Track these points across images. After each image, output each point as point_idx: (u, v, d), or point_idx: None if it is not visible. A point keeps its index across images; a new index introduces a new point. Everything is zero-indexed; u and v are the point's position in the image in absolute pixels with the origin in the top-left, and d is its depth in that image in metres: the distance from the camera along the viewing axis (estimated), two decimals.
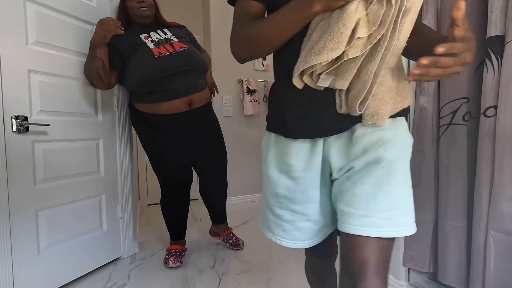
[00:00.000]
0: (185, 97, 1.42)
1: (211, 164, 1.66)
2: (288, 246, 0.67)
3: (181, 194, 1.63)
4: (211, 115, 1.64)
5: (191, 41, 1.58)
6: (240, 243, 1.77)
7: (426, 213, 1.15)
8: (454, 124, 1.06)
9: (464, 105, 1.03)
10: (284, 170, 0.63)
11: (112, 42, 1.36)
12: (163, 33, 1.49)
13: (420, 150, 1.15)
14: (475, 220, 0.96)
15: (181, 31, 1.57)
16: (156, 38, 1.45)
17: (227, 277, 1.45)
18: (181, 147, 1.53)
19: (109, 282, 1.41)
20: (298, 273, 1.47)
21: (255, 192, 2.92)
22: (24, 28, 1.18)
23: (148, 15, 1.47)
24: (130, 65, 1.39)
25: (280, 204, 0.66)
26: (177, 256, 1.56)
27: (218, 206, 1.79)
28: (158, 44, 1.42)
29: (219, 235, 1.83)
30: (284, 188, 0.64)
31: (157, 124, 1.46)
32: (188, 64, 1.42)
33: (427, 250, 1.15)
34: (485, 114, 0.93)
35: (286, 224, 0.66)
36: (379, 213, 0.53)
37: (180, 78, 1.40)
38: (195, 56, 1.47)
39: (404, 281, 1.23)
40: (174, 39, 1.46)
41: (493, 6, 0.91)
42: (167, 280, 1.43)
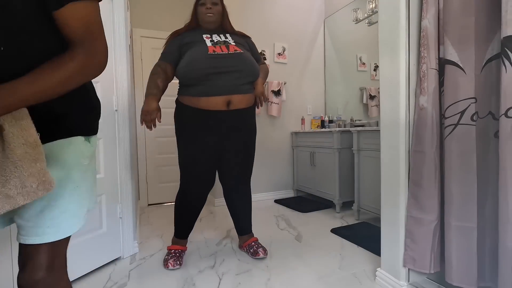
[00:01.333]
0: (224, 96, 1.46)
1: (236, 170, 1.64)
2: None
3: (199, 194, 1.59)
4: (249, 121, 1.62)
5: (249, 50, 1.65)
6: (260, 251, 1.63)
7: (426, 213, 1.15)
8: (462, 124, 1.05)
9: (472, 105, 1.03)
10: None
11: (177, 38, 1.56)
12: (224, 37, 1.59)
13: (420, 150, 1.15)
14: (502, 223, 0.93)
15: (243, 39, 1.66)
16: (216, 39, 1.55)
17: (227, 277, 1.45)
18: (210, 145, 1.52)
19: (109, 282, 1.41)
20: (298, 273, 1.47)
21: (254, 192, 2.92)
22: None
23: (212, 20, 1.57)
24: (185, 57, 1.49)
25: None
26: (176, 258, 1.56)
27: (240, 217, 1.74)
28: (215, 43, 1.52)
29: (243, 246, 1.74)
30: None
31: (194, 117, 1.49)
32: (236, 65, 1.48)
33: (427, 250, 1.15)
34: (506, 115, 0.91)
35: None
36: (45, 222, 0.62)
37: (224, 77, 1.46)
38: (246, 60, 1.52)
39: (404, 281, 1.23)
40: (232, 43, 1.55)
41: (508, 5, 0.90)
42: (167, 280, 1.43)
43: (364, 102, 2.94)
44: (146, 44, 2.99)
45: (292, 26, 3.25)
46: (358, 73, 3.04)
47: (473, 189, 1.04)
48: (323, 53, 3.45)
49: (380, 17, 1.28)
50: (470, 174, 1.04)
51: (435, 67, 1.12)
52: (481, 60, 1.02)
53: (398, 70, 1.20)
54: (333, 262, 1.59)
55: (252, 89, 1.59)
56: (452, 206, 1.08)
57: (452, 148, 1.08)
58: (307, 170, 3.00)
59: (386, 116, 1.28)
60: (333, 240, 1.91)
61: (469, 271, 1.06)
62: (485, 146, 1.03)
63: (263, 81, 1.68)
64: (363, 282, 1.37)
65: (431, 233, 1.14)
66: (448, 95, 1.09)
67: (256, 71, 1.57)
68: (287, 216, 2.47)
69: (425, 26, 1.12)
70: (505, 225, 0.92)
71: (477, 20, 1.01)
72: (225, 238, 1.98)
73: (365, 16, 2.88)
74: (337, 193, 2.57)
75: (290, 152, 3.26)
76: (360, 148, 2.32)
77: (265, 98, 1.67)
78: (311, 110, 3.38)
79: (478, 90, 1.03)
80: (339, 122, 3.12)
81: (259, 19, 3.06)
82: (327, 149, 2.68)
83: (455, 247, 1.08)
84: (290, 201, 2.98)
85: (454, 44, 1.06)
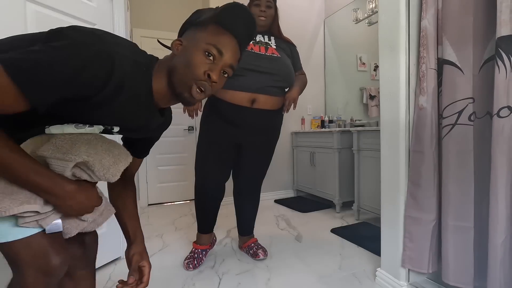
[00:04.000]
0: (249, 93, 1.44)
1: (248, 169, 1.65)
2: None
3: (217, 181, 1.58)
4: (271, 124, 1.61)
5: (290, 56, 1.63)
6: (260, 253, 1.62)
7: (425, 213, 1.15)
8: (460, 124, 1.05)
9: (470, 105, 1.03)
10: None
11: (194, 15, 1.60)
12: (268, 38, 1.58)
13: (419, 150, 1.15)
14: (492, 222, 0.94)
15: (286, 45, 1.64)
16: (258, 39, 1.55)
17: (227, 277, 1.45)
18: (230, 136, 1.52)
19: (109, 282, 1.41)
20: (298, 273, 1.47)
21: None
22: (24, 28, 1.18)
23: (263, 24, 1.57)
24: None
25: None
26: (193, 260, 1.55)
27: (245, 216, 1.74)
28: (256, 43, 1.51)
29: (243, 247, 1.74)
30: None
31: (218, 108, 1.49)
32: (270, 68, 1.47)
33: (426, 250, 1.15)
34: (498, 115, 0.92)
35: None
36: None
37: (255, 76, 1.44)
38: (281, 64, 1.51)
39: (404, 281, 1.23)
40: (272, 46, 1.55)
41: (502, 6, 0.90)
42: (167, 280, 1.43)
43: (364, 102, 2.94)
44: (146, 44, 2.99)
45: (292, 26, 3.24)
46: (358, 73, 3.04)
47: (470, 189, 1.04)
48: (323, 53, 3.45)
49: (380, 17, 1.28)
50: (468, 174, 1.04)
51: (434, 67, 1.12)
52: (479, 60, 1.02)
53: (398, 70, 1.20)
54: (333, 262, 1.59)
55: (282, 94, 1.55)
56: (449, 206, 1.09)
57: (450, 148, 1.08)
58: (307, 170, 3.00)
59: (386, 116, 1.28)
60: (333, 240, 1.91)
61: (465, 270, 1.06)
62: (483, 146, 1.04)
63: (299, 89, 1.65)
64: (363, 282, 1.37)
65: (430, 233, 1.14)
66: (446, 95, 1.09)
67: (290, 78, 1.56)
68: (287, 216, 2.47)
69: (425, 26, 1.12)
70: (494, 223, 0.93)
71: (475, 20, 1.01)
72: (225, 238, 1.98)
73: (365, 16, 2.88)
74: (337, 193, 2.57)
75: (290, 152, 3.26)
76: (360, 148, 2.32)
77: (294, 105, 1.61)
78: (311, 110, 3.38)
79: (476, 90, 1.03)
80: (339, 122, 3.12)
81: None
82: (327, 149, 2.68)
83: (452, 247, 1.08)
84: (290, 201, 2.98)
85: (452, 44, 1.06)
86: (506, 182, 0.92)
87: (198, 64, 0.65)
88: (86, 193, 0.61)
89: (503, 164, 0.91)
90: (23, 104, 0.49)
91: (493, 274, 0.94)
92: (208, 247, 1.67)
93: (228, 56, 0.68)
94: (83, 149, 0.60)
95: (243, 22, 0.71)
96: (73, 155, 0.58)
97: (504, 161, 0.91)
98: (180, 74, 0.65)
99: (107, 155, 0.64)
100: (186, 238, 1.98)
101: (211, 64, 0.66)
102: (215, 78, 0.66)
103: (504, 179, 0.92)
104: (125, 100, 0.59)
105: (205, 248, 1.65)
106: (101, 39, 0.56)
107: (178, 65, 0.66)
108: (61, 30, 0.57)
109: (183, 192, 3.10)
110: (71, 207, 0.59)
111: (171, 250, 1.79)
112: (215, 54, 0.67)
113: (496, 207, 0.93)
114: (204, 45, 0.66)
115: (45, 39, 0.56)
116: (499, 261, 0.93)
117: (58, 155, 0.57)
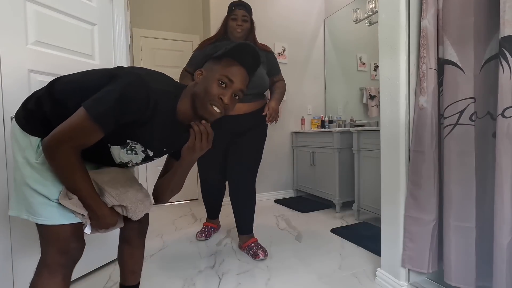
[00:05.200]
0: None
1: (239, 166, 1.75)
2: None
3: (215, 180, 1.88)
4: (252, 124, 1.73)
5: (267, 65, 1.78)
6: (260, 253, 1.64)
7: (425, 213, 1.15)
8: (461, 124, 1.05)
9: (471, 105, 1.03)
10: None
11: (205, 48, 1.75)
12: None
13: (420, 150, 1.15)
14: (497, 223, 0.94)
15: (262, 53, 1.76)
16: None
17: (227, 277, 1.45)
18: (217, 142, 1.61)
19: (109, 282, 1.41)
20: (298, 273, 1.47)
21: None
22: (24, 28, 1.18)
23: (240, 36, 1.75)
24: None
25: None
26: (204, 232, 1.97)
27: (242, 214, 1.79)
28: None
29: (242, 247, 1.76)
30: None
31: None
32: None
33: (426, 250, 1.15)
34: (503, 115, 0.91)
35: None
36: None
37: None
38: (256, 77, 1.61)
39: (404, 281, 1.23)
40: None
41: (506, 5, 0.90)
42: (167, 280, 1.43)
43: (364, 102, 2.94)
44: (146, 44, 2.99)
45: (292, 26, 3.25)
46: (358, 73, 3.04)
47: (471, 189, 1.04)
48: (323, 53, 3.45)
49: (380, 17, 1.28)
50: (469, 174, 1.04)
51: (434, 67, 1.12)
52: (480, 60, 1.02)
53: (398, 70, 1.20)
54: (333, 262, 1.59)
55: (258, 98, 1.71)
56: (451, 206, 1.08)
57: (451, 148, 1.08)
58: (307, 170, 3.00)
59: (386, 116, 1.28)
60: (333, 240, 1.91)
61: (467, 271, 1.06)
62: (484, 146, 1.03)
63: (278, 98, 1.79)
64: (363, 282, 1.37)
65: (430, 232, 1.14)
66: (447, 95, 1.09)
67: (263, 84, 1.72)
68: (287, 216, 2.47)
69: (425, 26, 1.12)
70: (500, 223, 0.93)
71: (476, 20, 1.01)
72: (225, 238, 1.98)
73: (365, 16, 2.88)
74: (337, 193, 2.57)
75: (290, 152, 3.26)
76: (360, 148, 2.32)
77: (276, 118, 1.75)
78: (311, 110, 3.38)
79: (477, 90, 1.03)
80: (339, 122, 3.13)
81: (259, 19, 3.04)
82: (327, 149, 2.68)
83: (453, 247, 1.08)
84: (290, 201, 2.98)
85: (453, 44, 1.06)
86: (511, 182, 0.91)
87: (213, 90, 0.84)
88: (112, 217, 0.87)
89: (508, 164, 0.91)
90: (101, 135, 0.77)
91: (499, 275, 0.93)
92: (216, 226, 2.05)
93: (237, 83, 0.87)
94: (130, 196, 0.90)
95: (250, 54, 0.91)
96: (122, 200, 0.87)
97: (509, 161, 0.91)
98: (200, 98, 0.85)
99: (141, 205, 0.92)
100: (186, 238, 1.98)
101: (224, 90, 0.85)
102: (226, 101, 0.85)
103: (510, 179, 0.91)
104: (158, 117, 0.83)
105: (213, 226, 2.03)
106: (141, 78, 0.79)
107: (199, 91, 0.85)
108: (118, 74, 0.82)
109: (183, 192, 3.08)
110: (99, 222, 0.85)
111: (171, 250, 1.79)
112: (226, 82, 0.85)
113: (502, 207, 0.92)
114: (218, 75, 0.85)
115: (107, 80, 0.80)
116: (506, 262, 0.92)
117: (113, 193, 0.86)
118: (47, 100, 0.82)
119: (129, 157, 0.92)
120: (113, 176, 0.91)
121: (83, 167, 0.79)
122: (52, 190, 0.79)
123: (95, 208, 0.82)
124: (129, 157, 0.92)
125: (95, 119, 0.73)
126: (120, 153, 0.90)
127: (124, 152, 0.90)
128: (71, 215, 0.80)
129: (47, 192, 0.79)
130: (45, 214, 0.79)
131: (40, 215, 0.79)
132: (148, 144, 0.90)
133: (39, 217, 0.79)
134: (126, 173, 0.98)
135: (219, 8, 2.86)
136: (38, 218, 0.79)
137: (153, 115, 0.81)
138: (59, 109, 0.79)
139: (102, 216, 0.84)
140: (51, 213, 0.79)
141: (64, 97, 0.81)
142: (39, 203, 0.79)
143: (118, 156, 0.90)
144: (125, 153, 0.90)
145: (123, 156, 0.91)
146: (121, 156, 0.90)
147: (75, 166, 0.77)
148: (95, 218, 0.84)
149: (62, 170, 0.77)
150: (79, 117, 0.74)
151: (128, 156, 0.91)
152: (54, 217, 0.79)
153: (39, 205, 0.79)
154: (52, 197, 0.79)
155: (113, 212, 0.88)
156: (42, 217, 0.79)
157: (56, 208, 0.79)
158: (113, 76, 0.82)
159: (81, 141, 0.76)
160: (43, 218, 0.79)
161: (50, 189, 0.79)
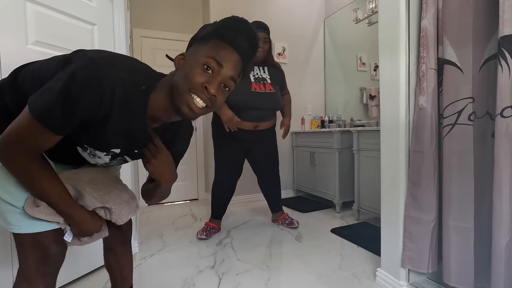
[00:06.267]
0: (254, 123, 1.96)
1: (263, 163, 2.15)
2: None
3: (229, 182, 2.07)
4: (269, 135, 2.11)
5: (279, 83, 2.09)
6: (295, 222, 2.14)
7: (425, 213, 1.15)
8: (460, 124, 1.05)
9: (470, 105, 1.03)
10: None
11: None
12: (263, 71, 2.04)
13: (419, 150, 1.15)
14: (495, 223, 0.94)
15: (277, 74, 2.09)
16: (257, 74, 2.00)
17: (227, 277, 1.45)
18: (238, 148, 2.04)
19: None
20: (298, 273, 1.47)
21: (254, 192, 2.92)
22: (24, 28, 1.18)
23: (260, 56, 1.99)
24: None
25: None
26: (205, 231, 1.99)
27: (270, 197, 2.23)
28: (257, 80, 1.98)
29: (278, 220, 2.22)
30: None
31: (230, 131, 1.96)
32: (267, 104, 1.98)
33: (426, 250, 1.15)
34: (502, 115, 0.91)
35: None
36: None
37: (257, 111, 1.95)
38: (275, 100, 2.01)
39: (404, 281, 1.23)
40: (268, 81, 2.01)
41: (505, 5, 0.90)
42: (167, 280, 1.43)
43: (364, 102, 2.94)
44: (146, 44, 2.99)
45: (292, 26, 3.25)
46: (358, 73, 3.04)
47: (470, 190, 1.04)
48: (323, 53, 3.45)
49: (380, 17, 1.28)
50: (468, 174, 1.04)
51: (434, 67, 1.12)
52: (479, 60, 1.02)
53: (398, 70, 1.20)
54: (333, 262, 1.59)
55: (274, 115, 2.09)
56: (450, 207, 1.08)
57: (450, 148, 1.08)
58: (307, 170, 3.00)
59: (386, 116, 1.28)
60: (333, 240, 1.91)
61: (466, 271, 1.06)
62: (483, 146, 1.03)
63: (290, 115, 2.24)
64: (363, 282, 1.37)
65: (430, 233, 1.14)
66: (446, 95, 1.09)
67: (280, 106, 2.09)
68: None
69: (425, 26, 1.12)
70: (498, 224, 0.93)
71: (475, 20, 1.01)
72: (225, 238, 1.98)
73: (365, 16, 2.88)
74: (337, 193, 2.57)
75: (290, 152, 3.26)
76: (360, 148, 2.32)
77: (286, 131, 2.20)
78: (311, 110, 3.38)
79: (476, 90, 1.03)
80: (339, 122, 3.12)
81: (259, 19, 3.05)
82: (327, 149, 2.68)
83: (453, 247, 1.08)
84: (290, 201, 2.98)
85: (452, 44, 1.06)
86: (510, 182, 0.91)
87: (196, 77, 0.64)
88: (94, 222, 0.77)
89: (506, 164, 0.91)
90: (54, 137, 0.64)
91: (497, 275, 0.93)
92: (217, 228, 2.07)
93: (227, 68, 0.66)
94: (113, 197, 0.79)
95: (244, 35, 0.68)
96: (105, 201, 0.77)
97: (508, 161, 0.91)
98: (178, 87, 0.65)
99: (127, 206, 0.81)
100: (186, 238, 1.98)
101: (210, 77, 0.65)
102: (213, 91, 0.64)
103: (508, 179, 0.91)
104: (119, 113, 0.65)
105: (215, 226, 2.05)
106: (95, 63, 0.62)
107: (177, 79, 0.66)
108: (71, 59, 0.66)
109: (183, 192, 3.10)
110: (80, 229, 0.74)
111: (171, 250, 1.79)
112: (214, 66, 0.65)
113: (500, 207, 0.92)
114: (203, 58, 0.65)
115: (61, 68, 0.66)
116: (504, 262, 0.92)
117: (94, 194, 0.76)
118: (9, 90, 0.70)
119: (94, 160, 0.78)
120: (93, 176, 0.79)
121: (48, 170, 0.67)
122: (17, 197, 0.69)
123: (71, 213, 0.71)
124: (94, 160, 0.78)
125: (38, 118, 0.60)
126: (84, 155, 0.76)
127: (87, 155, 0.76)
128: (44, 222, 0.70)
129: (11, 199, 0.68)
130: (14, 222, 0.69)
131: (10, 223, 0.69)
132: (106, 147, 0.74)
133: (9, 226, 0.70)
134: (108, 172, 0.86)
135: (219, 8, 2.87)
136: (9, 227, 0.70)
137: (111, 109, 0.63)
138: (22, 102, 0.64)
139: (81, 222, 0.73)
140: (20, 221, 0.69)
141: (25, 88, 0.68)
142: (7, 211, 0.69)
143: (87, 157, 0.77)
144: (88, 156, 0.76)
145: (89, 159, 0.78)
146: (88, 159, 0.78)
147: (36, 172, 0.65)
148: (74, 224, 0.73)
149: (21, 177, 0.65)
150: (24, 116, 0.61)
151: (92, 159, 0.77)
152: (25, 226, 0.69)
153: (7, 213, 0.69)
154: (18, 204, 0.68)
155: (94, 216, 0.77)
156: (12, 225, 0.69)
157: (24, 216, 0.69)
158: (66, 61, 0.66)
159: (32, 144, 0.63)
160: (13, 226, 0.69)
161: (15, 195, 0.68)
